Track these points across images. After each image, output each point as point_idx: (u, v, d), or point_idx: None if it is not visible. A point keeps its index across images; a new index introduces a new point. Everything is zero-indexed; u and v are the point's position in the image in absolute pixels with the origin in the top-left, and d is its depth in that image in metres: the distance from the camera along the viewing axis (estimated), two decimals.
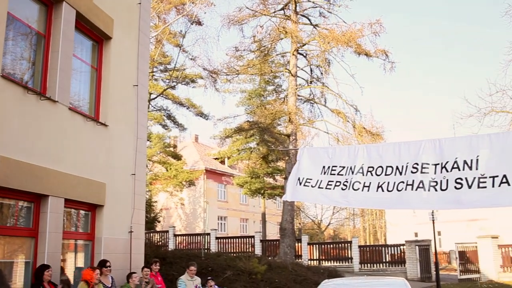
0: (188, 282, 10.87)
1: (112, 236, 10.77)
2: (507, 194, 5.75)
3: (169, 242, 27.68)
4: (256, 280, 16.57)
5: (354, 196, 6.63)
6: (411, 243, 25.08)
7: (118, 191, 11.03)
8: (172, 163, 33.88)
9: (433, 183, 6.22)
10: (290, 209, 22.77)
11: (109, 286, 9.26)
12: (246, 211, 49.18)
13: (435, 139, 6.57)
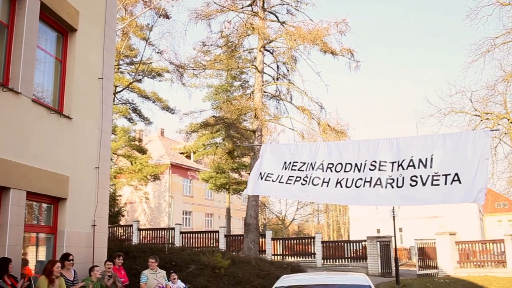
0: (150, 276, 10.89)
1: (75, 230, 10.70)
2: (458, 191, 6.02)
3: (133, 236, 27.52)
4: (220, 275, 16.67)
5: (313, 191, 6.81)
6: (372, 239, 25.60)
7: (82, 185, 10.96)
8: (137, 157, 33.62)
9: (390, 180, 6.45)
10: (254, 204, 22.94)
11: (71, 279, 9.20)
12: (211, 206, 49.19)
13: (393, 138, 6.81)
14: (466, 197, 5.98)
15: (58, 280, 8.63)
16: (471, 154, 6.19)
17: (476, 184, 5.99)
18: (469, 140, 6.32)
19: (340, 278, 8.01)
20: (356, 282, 6.91)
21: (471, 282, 19.76)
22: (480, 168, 6.07)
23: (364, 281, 6.77)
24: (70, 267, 9.22)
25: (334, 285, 6.99)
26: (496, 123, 20.78)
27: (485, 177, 6.04)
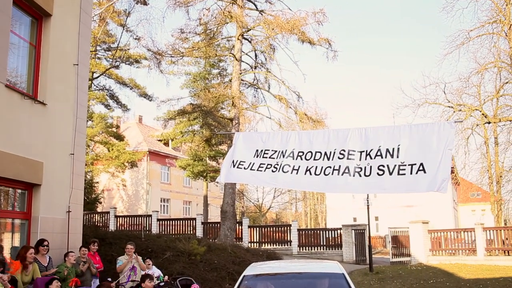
0: (126, 261, 10.98)
1: (49, 216, 10.71)
2: (423, 181, 6.22)
3: (110, 223, 27.48)
4: (195, 261, 16.78)
5: (283, 178, 6.95)
6: (347, 227, 25.96)
7: (56, 171, 10.95)
8: (114, 143, 33.43)
9: (358, 169, 6.62)
10: (231, 192, 23.07)
11: (45, 265, 9.24)
12: (189, 193, 49.22)
13: (362, 127, 6.98)
14: (430, 187, 6.17)
15: (32, 266, 8.68)
16: (435, 144, 6.38)
17: (439, 174, 6.18)
18: (434, 131, 6.51)
19: (312, 266, 7.84)
20: (329, 270, 6.81)
21: (441, 270, 20.24)
22: (444, 159, 6.27)
23: (337, 269, 6.65)
24: (45, 252, 9.26)
25: (306, 273, 6.92)
26: (469, 114, 21.20)
27: (449, 167, 6.25)
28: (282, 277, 6.76)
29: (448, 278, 17.59)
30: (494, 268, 20.20)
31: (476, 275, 18.27)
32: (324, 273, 6.73)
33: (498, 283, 15.70)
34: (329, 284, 6.47)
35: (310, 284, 6.54)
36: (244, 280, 6.43)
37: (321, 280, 6.58)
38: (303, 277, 6.75)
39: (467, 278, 17.47)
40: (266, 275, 6.84)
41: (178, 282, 11.35)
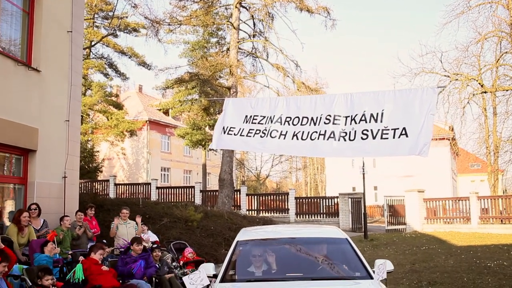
0: (120, 226, 11.19)
1: (45, 181, 10.93)
2: (405, 145, 6.35)
3: (110, 191, 27.79)
4: (192, 227, 17.09)
5: (271, 143, 7.08)
6: (344, 195, 26.22)
7: (51, 137, 11.12)
8: (113, 112, 33.52)
9: (343, 134, 6.74)
10: (229, 160, 23.26)
11: (37, 228, 9.45)
12: (189, 162, 49.46)
13: (348, 93, 7.08)
14: (412, 150, 6.29)
15: (28, 229, 8.91)
16: (418, 109, 6.49)
17: (421, 138, 6.30)
18: (417, 96, 6.60)
19: (310, 231, 7.35)
20: (331, 235, 6.46)
21: (435, 237, 20.55)
22: (426, 123, 6.38)
23: (340, 234, 6.36)
24: (34, 215, 9.42)
25: (307, 238, 6.54)
26: (465, 84, 21.19)
27: (430, 131, 6.36)
28: (280, 242, 6.33)
29: (441, 245, 17.89)
30: (487, 236, 20.51)
31: (469, 242, 18.57)
32: (327, 238, 6.38)
33: (488, 250, 15.98)
34: (333, 250, 6.13)
35: (312, 249, 6.15)
36: (238, 246, 6.01)
37: (324, 245, 6.24)
38: (304, 243, 6.33)
39: (459, 245, 17.76)
40: (262, 240, 6.38)
41: (172, 245, 11.61)
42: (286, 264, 5.87)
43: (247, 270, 5.70)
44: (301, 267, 5.80)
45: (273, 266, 5.75)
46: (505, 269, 12.38)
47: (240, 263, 5.86)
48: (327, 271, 5.78)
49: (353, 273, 5.63)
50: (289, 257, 6.11)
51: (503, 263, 13.22)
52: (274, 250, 5.99)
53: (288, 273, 5.65)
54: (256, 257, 5.78)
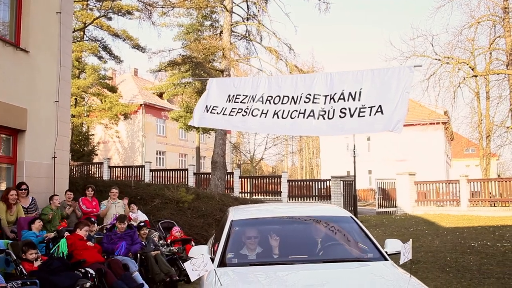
0: (110, 206, 11.37)
1: (35, 161, 11.06)
2: (380, 121, 6.49)
3: (104, 174, 27.95)
4: (183, 208, 17.28)
5: (252, 122, 7.21)
6: (336, 178, 26.40)
7: (41, 117, 11.23)
8: (107, 95, 33.55)
9: (322, 112, 6.87)
10: (221, 143, 23.38)
11: (26, 207, 9.60)
12: (185, 146, 49.62)
13: (328, 72, 7.21)
14: (386, 127, 6.43)
15: (16, 207, 9.06)
16: (395, 87, 6.62)
17: (395, 114, 6.44)
18: (394, 75, 6.73)
19: (310, 209, 6.93)
20: (333, 213, 6.15)
21: (424, 219, 20.81)
22: (401, 101, 6.52)
23: (342, 212, 6.09)
24: (24, 195, 9.56)
25: (309, 216, 6.08)
26: (456, 67, 21.29)
27: (405, 109, 6.50)
28: (280, 221, 5.86)
29: (429, 227, 18.15)
30: (476, 218, 20.79)
31: (457, 224, 18.84)
32: (331, 216, 5.99)
33: (475, 231, 16.24)
34: (339, 229, 5.73)
35: (316, 229, 5.72)
36: (234, 226, 5.48)
37: (329, 224, 5.82)
38: (306, 222, 5.92)
39: (446, 227, 18.03)
40: (260, 219, 5.94)
41: (160, 224, 11.81)
42: (288, 245, 5.35)
43: (256, 253, 5.22)
44: (305, 248, 5.34)
45: (273, 248, 5.24)
46: (488, 248, 12.64)
47: (239, 245, 5.31)
48: (335, 253, 5.30)
49: (365, 255, 5.18)
50: (290, 238, 5.54)
51: (487, 243, 13.48)
52: (274, 231, 5.50)
53: (290, 255, 5.14)
54: (252, 239, 5.31)
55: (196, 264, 4.25)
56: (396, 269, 4.81)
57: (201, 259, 4.26)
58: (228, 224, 5.50)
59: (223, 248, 5.08)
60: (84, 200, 10.93)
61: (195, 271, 4.21)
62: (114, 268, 7.37)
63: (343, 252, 5.34)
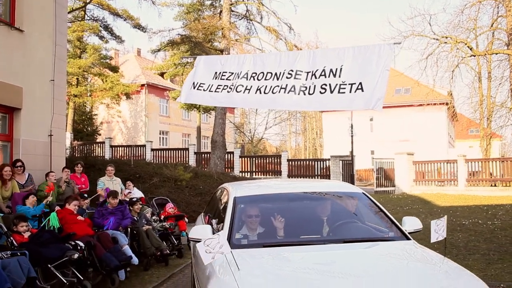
0: (107, 182, 11.58)
1: (31, 139, 11.28)
2: (360, 99, 6.63)
3: (106, 153, 28.22)
4: (181, 186, 17.57)
5: (236, 97, 7.38)
6: (335, 158, 26.58)
7: (36, 96, 11.42)
8: (109, 75, 33.69)
9: (303, 88, 7.02)
10: (221, 122, 23.57)
11: (22, 183, 9.82)
12: (188, 126, 49.76)
13: (311, 50, 7.34)
14: (366, 104, 6.57)
15: (11, 183, 9.28)
16: (375, 65, 6.73)
17: (376, 92, 6.57)
18: (375, 52, 6.84)
19: (320, 185, 6.51)
20: (344, 189, 5.75)
21: (421, 198, 20.98)
22: (381, 78, 6.64)
23: (353, 188, 5.69)
24: (20, 172, 9.77)
25: (317, 193, 5.62)
26: (454, 47, 21.23)
27: (384, 86, 6.62)
28: (288, 198, 5.39)
29: (424, 205, 18.33)
30: (472, 197, 20.93)
31: (452, 203, 19.00)
32: (343, 192, 5.55)
33: (468, 210, 16.41)
34: (353, 207, 5.35)
35: (327, 206, 5.27)
36: (239, 204, 5.03)
37: (341, 201, 5.45)
38: (316, 198, 5.47)
39: (441, 205, 18.21)
40: (266, 196, 5.46)
41: (154, 201, 12.05)
42: (300, 225, 4.96)
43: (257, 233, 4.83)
44: (318, 228, 4.91)
45: (283, 228, 4.80)
46: (478, 226, 12.82)
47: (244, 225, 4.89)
48: (354, 232, 4.91)
49: (385, 234, 4.80)
50: (302, 216, 5.15)
51: (478, 221, 13.66)
52: (282, 208, 5.14)
53: (302, 235, 4.75)
54: (258, 217, 4.91)
55: (210, 245, 3.80)
56: (423, 249, 4.46)
57: (217, 239, 3.84)
58: (231, 201, 5.05)
59: (230, 228, 4.62)
60: (73, 177, 11.12)
61: (210, 253, 3.77)
62: (103, 241, 7.60)
63: (362, 231, 4.94)
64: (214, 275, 3.96)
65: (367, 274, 3.79)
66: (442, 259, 4.17)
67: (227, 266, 3.90)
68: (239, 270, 3.74)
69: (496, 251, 9.96)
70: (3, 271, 5.66)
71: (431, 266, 4.08)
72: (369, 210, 5.22)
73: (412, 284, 3.68)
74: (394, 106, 44.64)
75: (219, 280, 3.85)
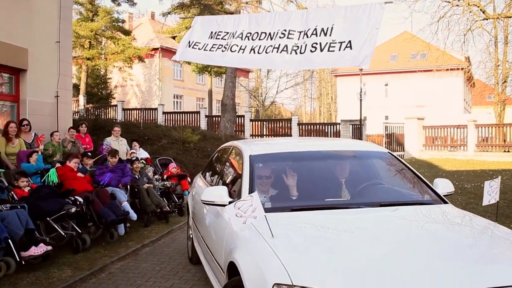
0: (113, 142, 11.82)
1: (37, 99, 11.55)
2: (348, 56, 6.73)
3: (118, 116, 28.53)
4: (189, 148, 17.82)
5: (230, 57, 7.52)
6: (346, 122, 26.59)
7: (42, 57, 11.63)
8: (121, 38, 33.78)
9: (295, 48, 7.12)
10: (231, 86, 23.62)
11: (29, 142, 10.10)
12: (202, 90, 49.80)
13: (304, 10, 7.40)
14: (353, 61, 6.67)
15: (18, 140, 9.55)
16: (365, 24, 6.80)
17: (363, 50, 6.66)
18: (365, 11, 6.89)
19: (341, 144, 6.03)
20: (368, 148, 5.40)
21: (429, 162, 21.04)
22: (370, 36, 6.71)
23: (378, 147, 5.33)
24: (26, 131, 10.04)
25: (345, 151, 5.21)
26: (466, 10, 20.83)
27: (373, 45, 6.70)
28: (309, 157, 4.94)
29: (430, 170, 18.40)
30: (480, 162, 20.92)
31: (459, 167, 19.04)
32: (368, 151, 5.20)
33: (473, 174, 16.47)
34: (381, 167, 5.04)
35: (356, 167, 5.00)
36: (256, 163, 4.56)
37: (367, 161, 5.10)
38: (340, 158, 5.03)
39: (448, 170, 18.27)
40: (284, 154, 4.99)
41: (158, 161, 12.32)
42: (324, 187, 4.60)
43: (283, 195, 4.44)
44: (347, 190, 4.56)
45: (306, 190, 4.48)
46: (478, 189, 12.89)
47: (262, 186, 4.45)
48: (388, 195, 4.59)
49: (421, 197, 4.50)
50: (326, 178, 4.76)
51: (480, 185, 13.71)
52: (304, 168, 4.79)
53: (327, 198, 4.40)
54: (276, 178, 4.56)
55: (242, 208, 3.36)
56: (468, 213, 4.23)
57: (249, 202, 3.37)
58: (247, 160, 4.57)
59: (250, 191, 4.15)
60: (77, 137, 11.37)
61: (241, 217, 3.34)
62: (101, 197, 7.89)
63: (397, 195, 4.59)
64: (243, 242, 3.59)
65: (418, 240, 3.44)
66: (493, 225, 3.85)
67: (256, 232, 3.50)
68: (273, 237, 3.31)
69: (493, 213, 10.05)
70: (1, 222, 5.96)
71: (485, 232, 3.78)
72: (399, 172, 4.85)
73: (470, 251, 3.36)
74: (410, 71, 44.11)
75: (251, 248, 3.44)
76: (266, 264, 3.09)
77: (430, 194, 4.46)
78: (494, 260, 3.20)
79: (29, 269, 6.26)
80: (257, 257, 3.27)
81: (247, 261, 3.31)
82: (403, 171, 4.82)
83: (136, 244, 7.89)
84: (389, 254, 3.14)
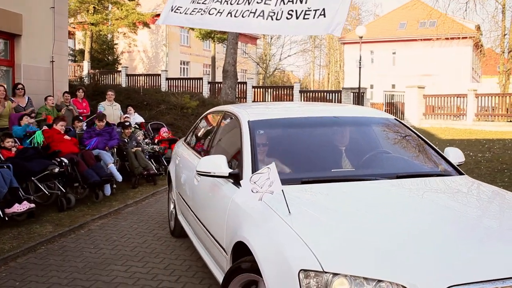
0: (107, 107, 12.10)
1: (33, 64, 11.84)
2: (321, 23, 6.86)
3: (122, 82, 28.77)
4: (187, 114, 18.11)
5: (208, 19, 7.69)
6: (347, 90, 26.66)
7: (37, 23, 11.86)
8: (125, 3, 33.75)
9: (272, 14, 7.27)
10: (232, 52, 23.72)
11: (23, 106, 10.42)
12: (209, 56, 49.65)
13: None
14: (326, 29, 6.79)
15: (7, 103, 9.84)
16: None
17: (336, 17, 6.78)
18: None
19: (344, 109, 5.50)
20: (376, 114, 5.04)
21: (427, 131, 21.12)
22: (343, 4, 6.83)
23: (384, 114, 5.07)
24: (21, 94, 10.36)
25: (350, 117, 4.87)
26: None
27: (345, 12, 6.80)
28: (313, 123, 4.58)
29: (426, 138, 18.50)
30: (478, 131, 21.01)
31: (455, 136, 19.19)
32: (374, 118, 4.90)
33: (467, 143, 16.61)
34: (391, 135, 4.71)
35: (364, 135, 4.75)
36: (256, 129, 4.16)
37: (376, 128, 4.78)
38: (346, 124, 4.68)
39: (443, 139, 18.43)
40: (287, 120, 4.57)
41: (150, 125, 12.63)
42: (333, 156, 4.24)
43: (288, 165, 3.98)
44: (358, 160, 4.23)
45: (313, 160, 4.14)
46: (467, 158, 13.05)
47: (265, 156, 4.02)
48: (402, 166, 4.26)
49: (434, 168, 4.22)
50: (335, 146, 4.40)
51: (469, 153, 13.90)
52: (308, 135, 4.45)
53: (333, 168, 4.04)
54: (278, 146, 4.26)
55: (259, 182, 2.99)
56: (489, 185, 3.95)
57: (266, 174, 2.99)
58: (245, 126, 4.17)
59: (253, 162, 3.76)
60: (75, 101, 11.68)
61: (256, 192, 3.00)
62: (86, 158, 8.24)
63: (411, 165, 4.31)
64: (253, 220, 3.21)
65: (455, 215, 3.14)
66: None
67: (267, 208, 3.12)
68: (290, 214, 2.94)
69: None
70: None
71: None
72: (410, 141, 4.59)
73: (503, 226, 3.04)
74: (418, 39, 43.66)
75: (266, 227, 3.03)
76: (288, 247, 2.68)
77: (444, 165, 4.20)
78: None
79: (14, 225, 6.67)
80: (275, 237, 2.85)
81: (263, 243, 2.89)
82: (416, 140, 4.54)
83: (119, 204, 8.26)
84: (425, 231, 2.81)
